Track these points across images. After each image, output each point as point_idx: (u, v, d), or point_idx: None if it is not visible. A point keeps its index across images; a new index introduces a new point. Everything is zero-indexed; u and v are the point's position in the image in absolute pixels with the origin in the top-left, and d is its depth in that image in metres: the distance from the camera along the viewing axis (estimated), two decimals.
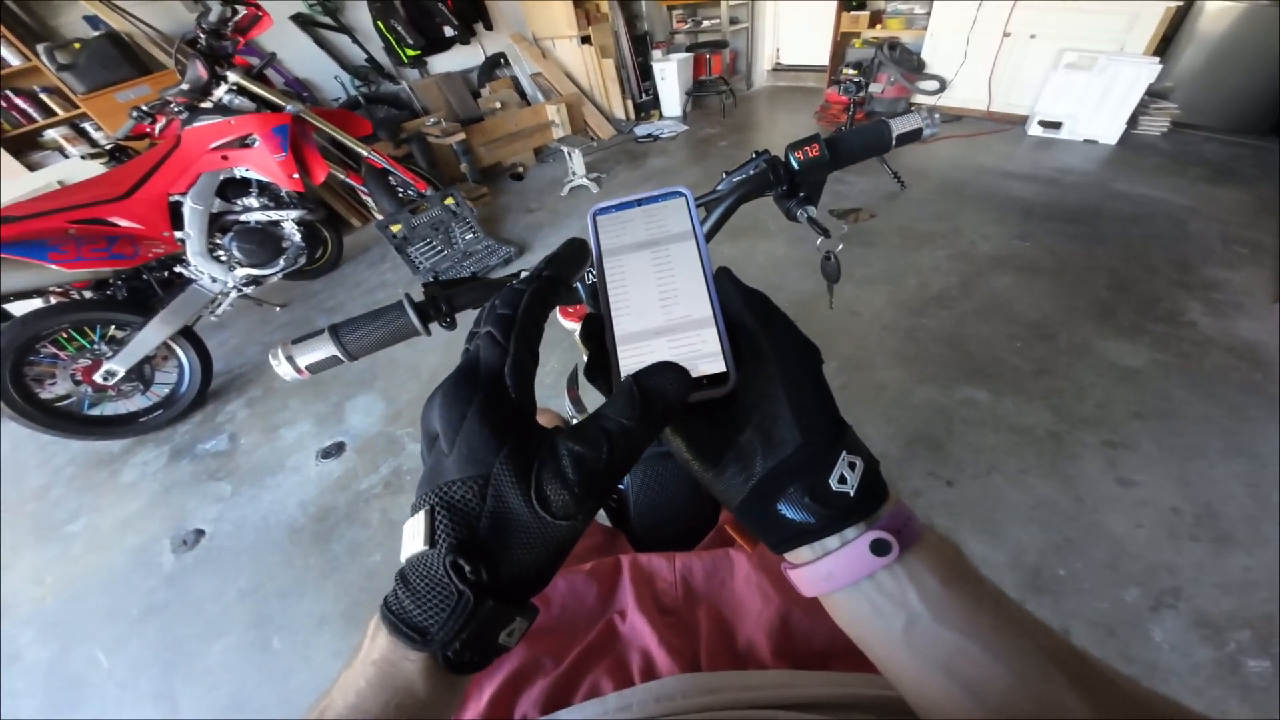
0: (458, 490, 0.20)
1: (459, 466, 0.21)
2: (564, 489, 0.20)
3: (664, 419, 0.21)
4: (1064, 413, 1.62)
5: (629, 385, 0.21)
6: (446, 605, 0.19)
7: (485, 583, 0.20)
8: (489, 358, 0.22)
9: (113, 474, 1.99)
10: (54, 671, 1.40)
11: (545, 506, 0.20)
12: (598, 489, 0.20)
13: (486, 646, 0.21)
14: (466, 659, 0.20)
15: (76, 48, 2.65)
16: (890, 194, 3.00)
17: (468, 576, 0.19)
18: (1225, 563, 1.23)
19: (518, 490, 0.20)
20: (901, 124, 0.57)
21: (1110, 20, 3.18)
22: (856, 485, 0.21)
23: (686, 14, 5.09)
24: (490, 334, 0.23)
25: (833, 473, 0.21)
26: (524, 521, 0.20)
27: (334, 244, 3.04)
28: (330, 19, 3.51)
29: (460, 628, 0.19)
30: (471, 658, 0.20)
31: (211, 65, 2.01)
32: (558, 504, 0.20)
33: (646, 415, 0.21)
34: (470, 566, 0.19)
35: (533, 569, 0.21)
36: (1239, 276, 2.08)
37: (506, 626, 0.21)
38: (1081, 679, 0.19)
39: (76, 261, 1.76)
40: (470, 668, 0.21)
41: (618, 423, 0.21)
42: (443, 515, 0.20)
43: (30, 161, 2.81)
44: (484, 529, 0.20)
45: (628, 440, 0.20)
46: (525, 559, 0.21)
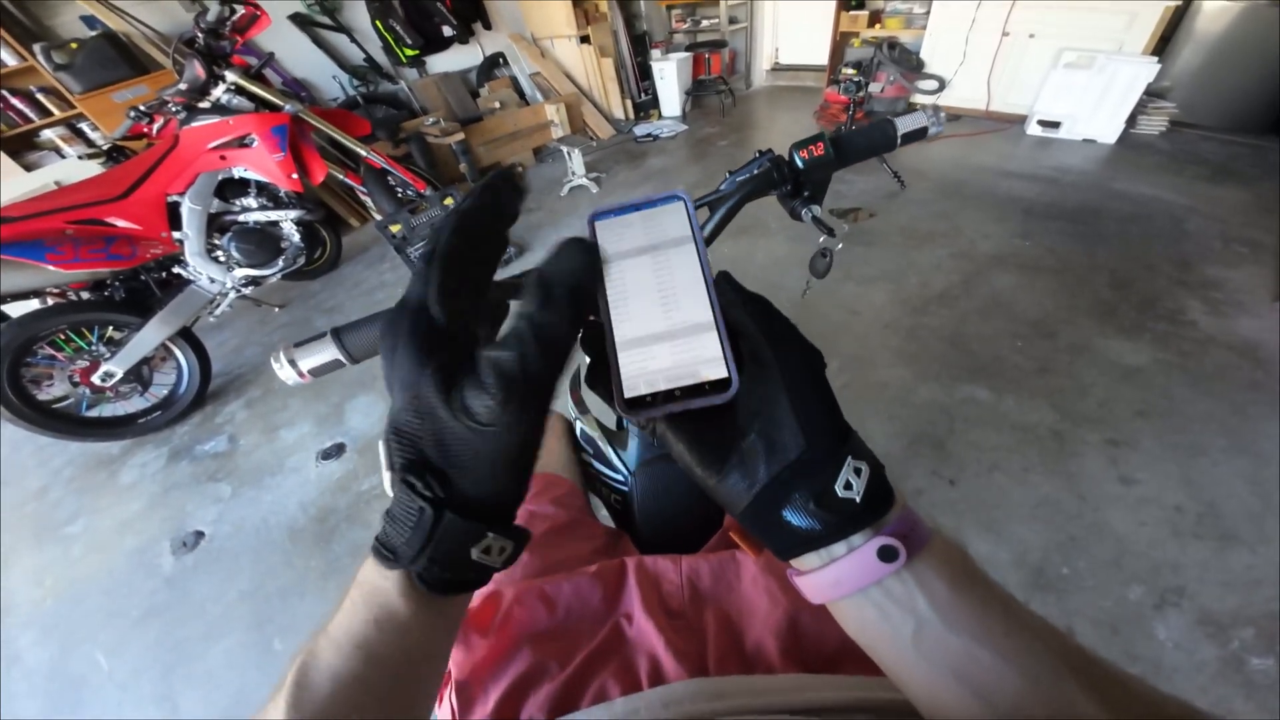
0: (400, 415, 0.21)
1: (398, 393, 0.21)
2: (484, 395, 0.20)
3: (573, 299, 0.21)
4: (1066, 411, 1.62)
5: (532, 275, 0.22)
6: (410, 522, 0.20)
7: (440, 497, 0.20)
8: (414, 288, 0.22)
9: (111, 475, 1.99)
10: (54, 674, 1.40)
11: (471, 415, 0.20)
12: (520, 390, 0.20)
13: (460, 563, 0.21)
14: (437, 575, 0.21)
15: (73, 47, 2.64)
16: (890, 193, 3.00)
17: (421, 492, 0.20)
18: (1228, 561, 1.23)
19: (443, 404, 0.20)
20: (907, 123, 0.57)
21: (1109, 20, 3.18)
22: (862, 491, 0.21)
23: (685, 13, 5.09)
24: (416, 266, 0.23)
25: (838, 479, 0.21)
26: (459, 434, 0.20)
27: (333, 244, 3.04)
28: (328, 19, 3.50)
29: (423, 542, 0.20)
30: (443, 574, 0.21)
31: (209, 65, 2.00)
32: (480, 411, 0.20)
33: (550, 302, 0.21)
34: (421, 482, 0.20)
35: (489, 480, 0.21)
36: (1239, 275, 2.08)
37: (478, 542, 0.21)
38: (1093, 682, 0.19)
39: (74, 262, 1.75)
40: (448, 587, 0.21)
41: (526, 317, 0.21)
42: (393, 441, 0.21)
43: (27, 162, 2.79)
44: (428, 446, 0.21)
45: (539, 333, 0.20)
46: (475, 470, 0.21)
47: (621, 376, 0.24)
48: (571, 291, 0.22)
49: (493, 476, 0.21)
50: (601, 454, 0.62)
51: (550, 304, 0.21)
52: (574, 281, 0.22)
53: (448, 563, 0.21)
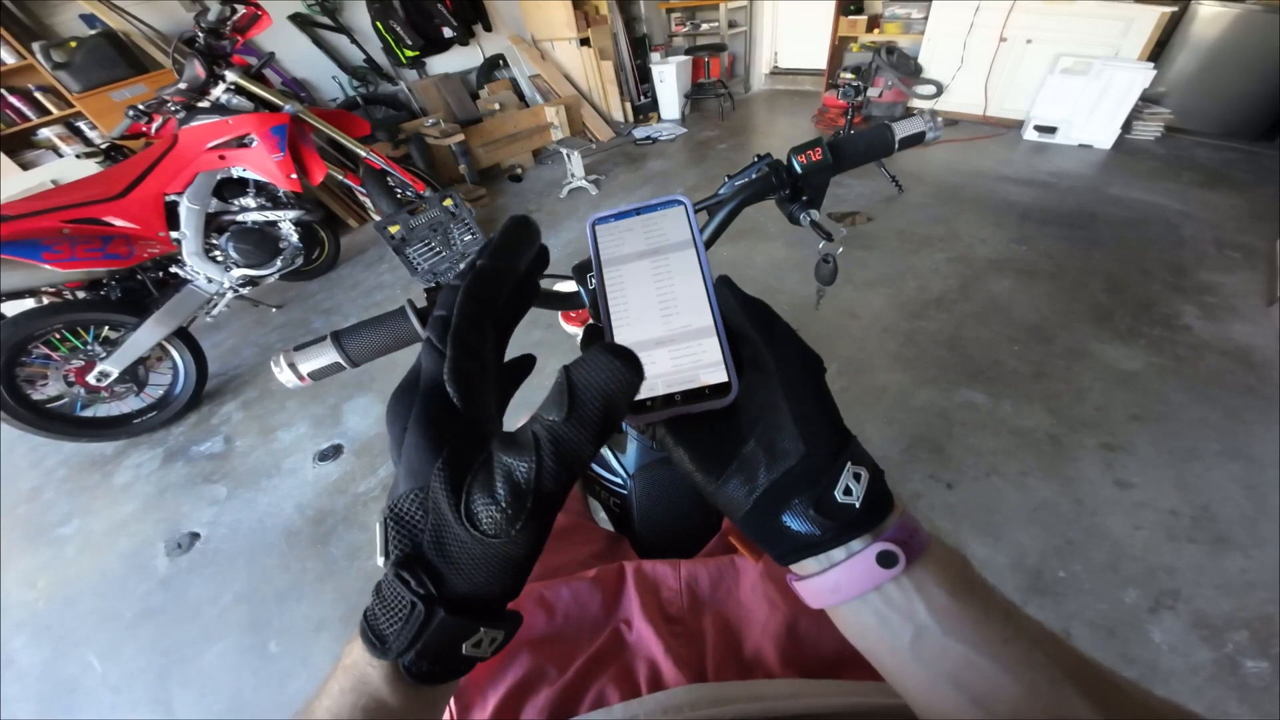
0: (403, 504, 0.20)
1: (404, 479, 0.21)
2: (493, 505, 0.18)
3: (604, 417, 0.19)
4: (1062, 415, 1.63)
5: (559, 379, 0.19)
6: (401, 614, 0.20)
7: (433, 595, 0.19)
8: (426, 365, 0.22)
9: (106, 476, 1.97)
10: (47, 677, 1.39)
11: (475, 524, 0.19)
12: (530, 504, 0.18)
13: (448, 657, 0.20)
14: (426, 669, 0.20)
15: (72, 46, 2.63)
16: (887, 197, 3.02)
17: (415, 589, 0.19)
18: (1223, 564, 1.24)
19: (450, 506, 0.19)
20: (904, 127, 0.57)
21: (1105, 25, 3.21)
22: (862, 497, 0.21)
23: (685, 17, 5.11)
24: (429, 339, 0.22)
25: (838, 484, 0.21)
26: (461, 537, 0.19)
27: (331, 245, 3.03)
28: (329, 19, 3.50)
29: (414, 637, 0.19)
30: (432, 669, 0.20)
31: (209, 64, 2.00)
32: (487, 522, 0.19)
33: (577, 414, 0.18)
34: (414, 580, 0.19)
35: (485, 584, 0.20)
36: (1233, 280, 2.10)
37: (469, 638, 0.20)
38: (1092, 689, 0.19)
39: (70, 261, 1.74)
40: (435, 678, 0.21)
41: (546, 425, 0.19)
42: (391, 528, 0.20)
43: (24, 160, 2.78)
44: (427, 543, 0.20)
45: (559, 446, 0.18)
46: (472, 575, 0.20)
47: None
48: (604, 409, 0.19)
49: (489, 581, 0.20)
50: (600, 457, 0.62)
51: (578, 419, 0.18)
52: (608, 398, 0.19)
53: (437, 658, 0.20)
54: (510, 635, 0.22)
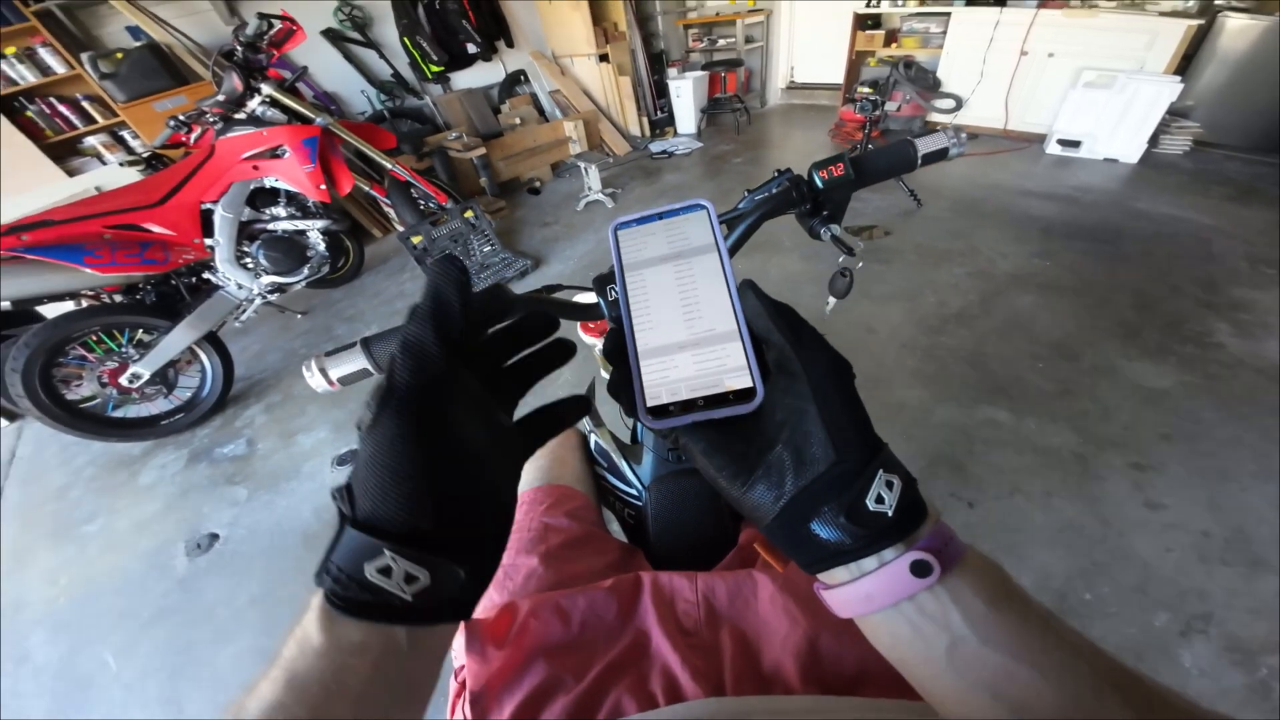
0: None
1: None
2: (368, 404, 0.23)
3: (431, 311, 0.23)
4: (1089, 434, 1.58)
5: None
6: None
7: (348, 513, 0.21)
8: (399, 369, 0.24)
9: (132, 476, 2.03)
10: (62, 673, 1.41)
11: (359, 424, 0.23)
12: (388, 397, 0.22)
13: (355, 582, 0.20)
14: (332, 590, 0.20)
15: (119, 57, 2.75)
16: (906, 211, 2.99)
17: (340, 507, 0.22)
18: (1257, 587, 1.19)
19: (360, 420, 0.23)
20: (928, 144, 0.57)
21: (1130, 39, 3.17)
22: (895, 505, 0.21)
23: (702, 33, 5.18)
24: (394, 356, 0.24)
25: (869, 492, 0.21)
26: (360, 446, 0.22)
27: (356, 254, 3.11)
28: (359, 34, 3.63)
29: (328, 552, 0.21)
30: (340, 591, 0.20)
31: (247, 77, 2.08)
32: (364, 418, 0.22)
33: (412, 315, 0.23)
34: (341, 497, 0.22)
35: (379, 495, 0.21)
36: (1267, 297, 2.03)
37: (371, 559, 0.20)
38: (1137, 701, 0.18)
39: (110, 266, 1.81)
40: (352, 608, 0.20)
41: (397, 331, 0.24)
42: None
43: (69, 167, 2.91)
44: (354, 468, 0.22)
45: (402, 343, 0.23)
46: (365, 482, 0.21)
47: (644, 385, 0.24)
48: (433, 301, 0.23)
49: (381, 487, 0.21)
50: (615, 468, 0.62)
51: (413, 318, 0.23)
52: (434, 292, 0.23)
53: (342, 578, 0.20)
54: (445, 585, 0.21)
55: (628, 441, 0.66)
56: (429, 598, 0.21)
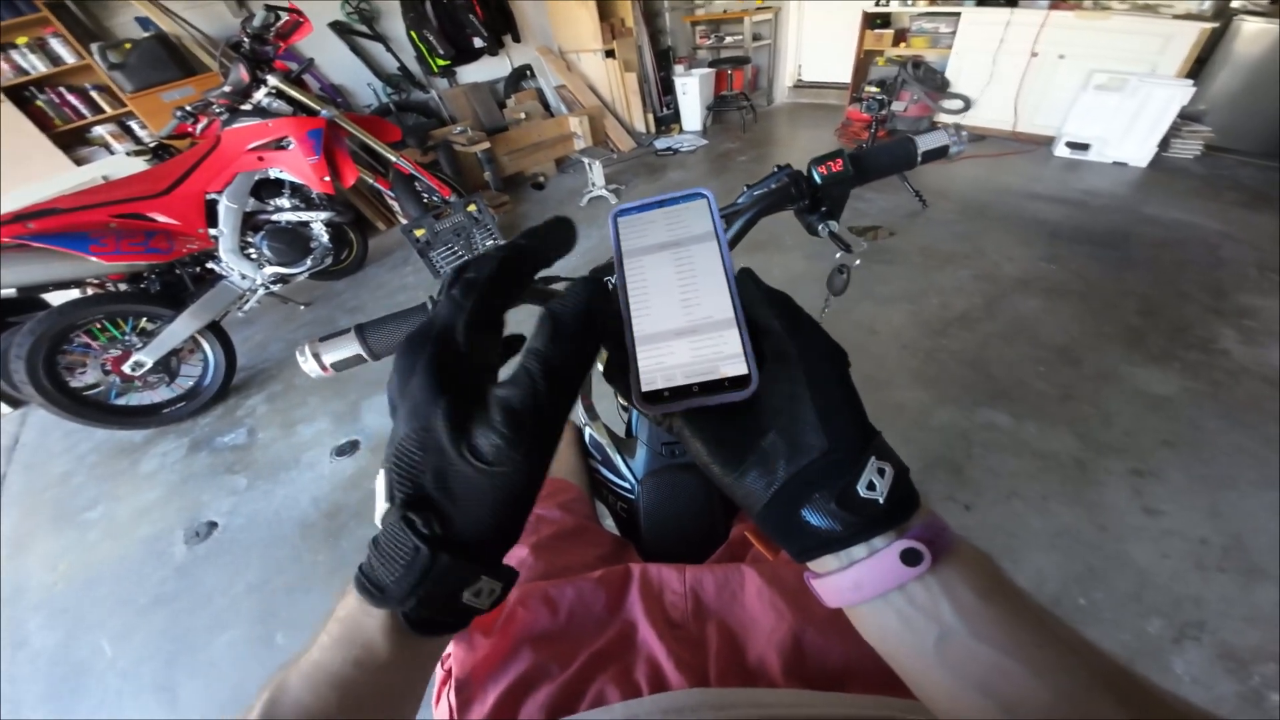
0: (404, 446, 0.21)
1: (405, 421, 0.21)
2: (493, 434, 0.19)
3: (580, 336, 0.21)
4: (1089, 439, 1.57)
5: (541, 315, 0.21)
6: (403, 560, 0.20)
7: (438, 536, 0.20)
8: (444, 314, 0.22)
9: (133, 463, 2.04)
10: (58, 659, 1.42)
11: (478, 455, 0.19)
12: (529, 430, 0.20)
13: (449, 606, 0.20)
14: (426, 617, 0.20)
15: (127, 48, 2.77)
16: (911, 212, 2.98)
17: (420, 530, 0.19)
18: (1254, 596, 1.18)
19: (451, 440, 0.20)
20: (927, 141, 0.57)
21: (1142, 41, 3.14)
22: (886, 493, 0.20)
23: (709, 30, 5.15)
24: (450, 292, 0.23)
25: (861, 479, 0.20)
26: (464, 473, 0.20)
27: (359, 246, 3.11)
28: (366, 27, 3.63)
29: (415, 582, 0.19)
30: (432, 616, 0.20)
31: (253, 69, 2.09)
32: (489, 451, 0.19)
33: (560, 338, 0.20)
34: (421, 519, 0.19)
35: (489, 522, 0.20)
36: (1275, 304, 2.01)
37: (470, 585, 0.20)
38: (1131, 699, 0.18)
39: (115, 255, 1.82)
40: (435, 628, 0.20)
41: (535, 354, 0.20)
42: (393, 471, 0.20)
43: (77, 156, 2.93)
44: (430, 482, 0.20)
45: (550, 372, 0.20)
46: (476, 511, 0.20)
47: (640, 371, 0.24)
48: (582, 328, 0.21)
49: (493, 518, 0.20)
50: (609, 461, 0.62)
51: (560, 339, 0.21)
52: (584, 317, 0.21)
53: (438, 605, 0.20)
54: (508, 589, 0.22)
55: (622, 435, 0.66)
56: (497, 602, 0.22)
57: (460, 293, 0.23)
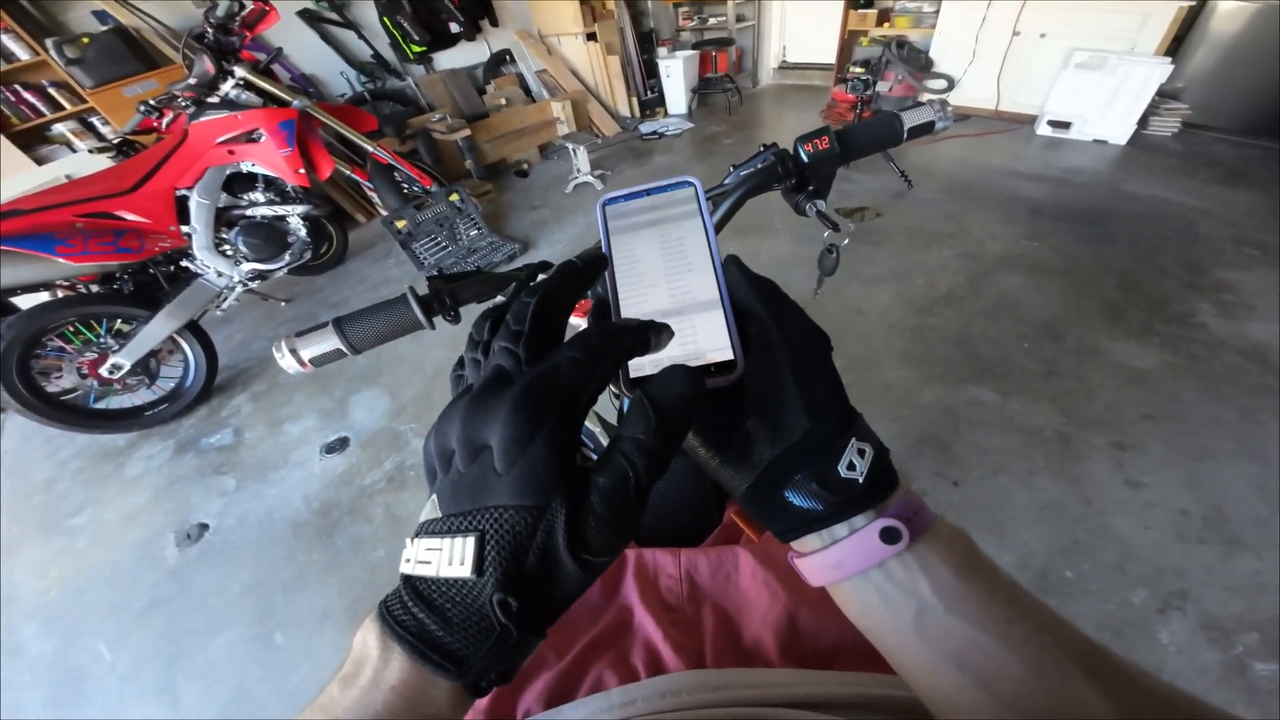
0: (511, 518, 0.18)
1: (516, 491, 0.18)
2: (601, 527, 0.18)
3: (682, 425, 0.20)
4: (1072, 414, 1.61)
5: (639, 400, 0.20)
6: (487, 638, 0.18)
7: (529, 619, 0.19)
8: (573, 375, 0.20)
9: (118, 467, 2.00)
10: (57, 665, 1.41)
11: (585, 546, 0.18)
12: (631, 519, 0.19)
13: (512, 673, 0.20)
14: (490, 684, 0.19)
15: (84, 42, 2.66)
16: (897, 193, 2.99)
17: (513, 612, 0.18)
18: (1234, 566, 1.22)
19: (565, 529, 0.18)
20: (913, 117, 0.56)
21: (1121, 20, 3.15)
22: (866, 472, 0.21)
23: (692, 11, 5.08)
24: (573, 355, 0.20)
25: (841, 460, 0.21)
26: (565, 559, 0.18)
27: (339, 239, 3.05)
28: (336, 15, 3.52)
29: (499, 659, 0.18)
30: (495, 683, 0.19)
31: (218, 60, 2.01)
32: (598, 543, 0.19)
33: (663, 428, 0.19)
34: (518, 603, 0.18)
35: (566, 602, 0.20)
36: (1250, 278, 2.06)
37: (530, 651, 0.20)
38: (1099, 673, 0.19)
39: (83, 255, 1.76)
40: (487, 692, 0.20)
41: (636, 443, 0.19)
42: (494, 543, 0.18)
43: (38, 156, 2.82)
44: (532, 564, 0.18)
45: (650, 460, 0.19)
46: (566, 594, 0.19)
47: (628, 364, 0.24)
48: (686, 418, 0.20)
49: (574, 599, 0.20)
50: (601, 448, 0.62)
51: (664, 432, 0.19)
52: (687, 408, 0.20)
53: (504, 673, 0.19)
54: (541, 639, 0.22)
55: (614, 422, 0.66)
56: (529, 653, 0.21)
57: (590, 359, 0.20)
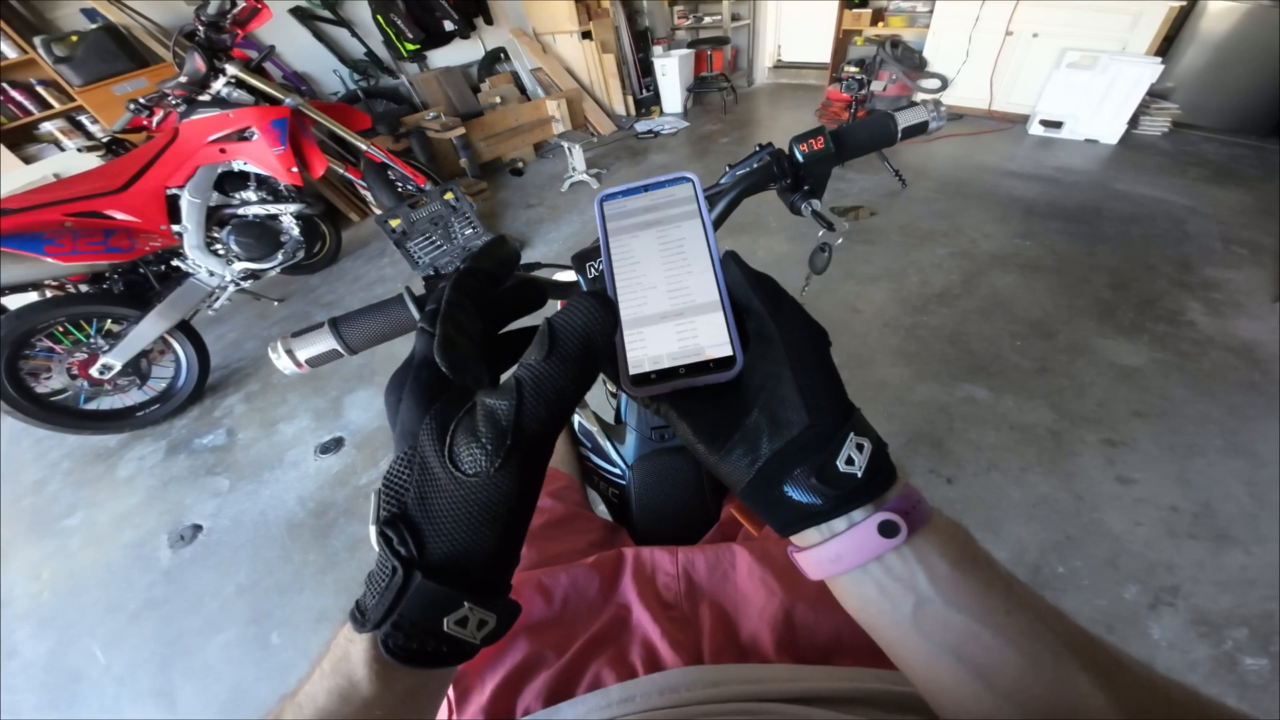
0: (394, 466, 0.21)
1: (397, 443, 0.21)
2: (474, 444, 0.19)
3: (583, 353, 0.20)
4: (1064, 411, 1.62)
5: (541, 326, 0.21)
6: (383, 581, 0.19)
7: (414, 557, 0.19)
8: (419, 346, 0.23)
9: (109, 469, 1.99)
10: (51, 667, 1.40)
11: (457, 465, 0.19)
12: (511, 440, 0.19)
13: (429, 634, 0.19)
14: (404, 644, 0.19)
15: (73, 40, 2.63)
16: (891, 192, 3.00)
17: (396, 549, 0.19)
18: (1223, 561, 1.24)
19: (435, 451, 0.19)
20: (907, 117, 0.57)
21: (1113, 19, 3.18)
22: (864, 467, 0.21)
23: (688, 10, 5.07)
24: (421, 326, 0.23)
25: (840, 454, 0.21)
26: (444, 485, 0.19)
27: (332, 238, 3.03)
28: (329, 12, 3.49)
29: (391, 605, 0.19)
30: (409, 644, 0.19)
31: (210, 58, 1.99)
32: (468, 460, 0.19)
33: (556, 355, 0.19)
34: (396, 537, 0.19)
35: (467, 542, 0.19)
36: (1239, 276, 2.08)
37: (451, 611, 0.19)
38: (1096, 664, 0.19)
39: (72, 255, 1.74)
40: (416, 659, 0.19)
41: (528, 368, 0.20)
42: (383, 493, 0.20)
43: (26, 154, 2.79)
44: (411, 500, 0.20)
45: (539, 384, 0.19)
46: (453, 529, 0.19)
47: (626, 354, 0.25)
48: (583, 347, 0.20)
49: (474, 536, 0.19)
50: (599, 448, 0.62)
51: (556, 357, 0.19)
52: (586, 337, 0.20)
53: (416, 631, 0.19)
54: (505, 625, 0.22)
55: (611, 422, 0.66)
56: (493, 637, 0.21)
57: (427, 322, 0.23)
